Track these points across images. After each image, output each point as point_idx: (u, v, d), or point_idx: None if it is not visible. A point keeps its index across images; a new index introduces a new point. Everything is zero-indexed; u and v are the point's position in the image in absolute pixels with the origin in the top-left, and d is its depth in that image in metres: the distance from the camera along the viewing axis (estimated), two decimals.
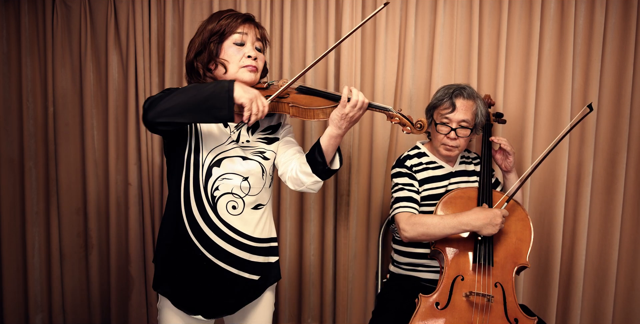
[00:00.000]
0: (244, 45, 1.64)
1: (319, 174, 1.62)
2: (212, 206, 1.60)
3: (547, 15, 2.40)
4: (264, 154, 1.69)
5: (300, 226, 2.61)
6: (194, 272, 1.62)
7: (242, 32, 1.63)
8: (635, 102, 2.41)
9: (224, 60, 1.63)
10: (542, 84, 2.44)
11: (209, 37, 1.63)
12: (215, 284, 1.64)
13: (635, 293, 2.49)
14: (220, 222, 1.61)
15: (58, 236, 2.71)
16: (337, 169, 1.66)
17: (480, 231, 1.86)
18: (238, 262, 1.65)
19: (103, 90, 2.63)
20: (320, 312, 2.64)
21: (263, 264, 1.72)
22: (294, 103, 1.60)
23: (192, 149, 1.62)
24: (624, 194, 2.45)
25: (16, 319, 2.75)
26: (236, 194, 1.63)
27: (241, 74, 1.63)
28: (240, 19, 1.64)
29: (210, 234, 1.60)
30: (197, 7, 2.55)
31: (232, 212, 1.62)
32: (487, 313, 1.78)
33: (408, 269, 2.16)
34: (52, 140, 2.65)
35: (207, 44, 1.63)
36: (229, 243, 1.62)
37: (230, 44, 1.63)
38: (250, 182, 1.65)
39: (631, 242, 2.48)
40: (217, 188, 1.60)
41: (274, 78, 2.55)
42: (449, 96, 2.05)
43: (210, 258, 1.61)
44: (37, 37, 2.62)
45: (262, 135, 1.72)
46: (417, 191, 2.09)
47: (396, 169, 2.14)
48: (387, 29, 2.47)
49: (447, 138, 2.05)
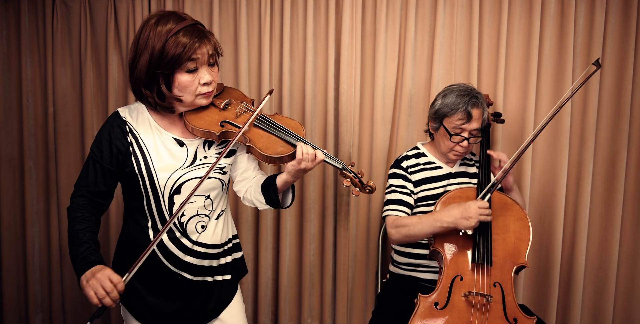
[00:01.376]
0: (198, 70, 1.49)
1: (272, 206, 1.69)
2: (183, 232, 1.62)
3: (547, 15, 2.40)
4: (223, 169, 1.67)
5: (300, 226, 2.61)
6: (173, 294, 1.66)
7: (196, 58, 1.47)
8: (635, 102, 2.41)
9: (178, 95, 1.51)
10: (542, 84, 2.44)
11: (157, 67, 1.45)
12: (197, 296, 1.69)
13: (635, 293, 2.48)
14: (192, 244, 1.64)
15: (58, 236, 2.71)
16: (288, 206, 1.73)
17: (456, 226, 1.84)
18: (213, 270, 1.71)
19: (103, 90, 2.63)
20: (320, 312, 2.64)
21: (232, 263, 1.77)
22: (252, 143, 1.57)
23: (147, 184, 1.57)
24: (624, 194, 2.45)
25: (16, 319, 2.75)
26: (202, 214, 1.64)
27: (198, 101, 1.56)
28: (197, 42, 1.45)
29: (185, 257, 1.64)
30: (197, 7, 2.55)
31: (200, 231, 1.65)
32: (486, 312, 1.78)
33: (408, 269, 2.16)
34: (52, 140, 2.65)
35: (155, 75, 1.47)
36: (203, 258, 1.67)
37: (182, 74, 1.47)
38: (212, 197, 1.66)
39: (631, 242, 2.48)
40: (182, 214, 1.61)
41: (273, 79, 2.54)
42: (464, 104, 1.97)
43: (189, 277, 1.66)
44: (37, 37, 2.63)
45: (219, 149, 1.66)
46: (410, 192, 2.09)
47: (392, 170, 2.14)
48: (387, 29, 2.47)
49: (459, 146, 2.04)
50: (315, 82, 2.53)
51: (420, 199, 2.10)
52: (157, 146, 1.57)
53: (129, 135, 1.57)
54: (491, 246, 1.89)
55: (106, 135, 1.57)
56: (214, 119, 1.60)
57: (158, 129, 1.59)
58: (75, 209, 1.53)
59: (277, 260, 2.63)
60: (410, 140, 2.51)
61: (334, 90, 2.51)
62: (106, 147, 1.55)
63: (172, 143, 1.59)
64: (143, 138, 1.57)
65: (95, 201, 1.57)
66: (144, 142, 1.57)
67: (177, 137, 1.60)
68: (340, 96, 2.49)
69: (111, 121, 1.59)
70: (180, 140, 1.60)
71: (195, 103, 1.56)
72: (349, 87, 2.48)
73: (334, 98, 2.51)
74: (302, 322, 2.64)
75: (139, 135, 1.57)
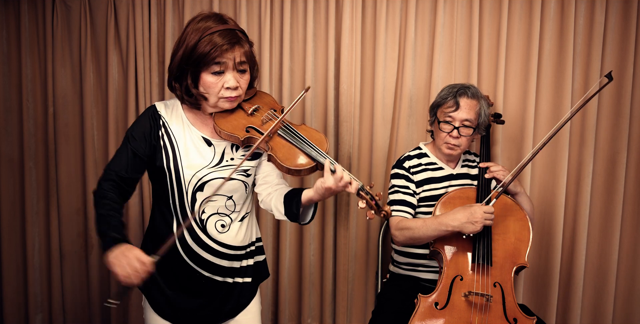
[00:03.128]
0: (224, 73, 1.53)
1: (290, 219, 1.68)
2: (203, 228, 1.64)
3: (547, 15, 2.40)
4: (247, 172, 1.69)
5: (300, 226, 2.61)
6: (194, 291, 1.68)
7: (222, 62, 1.51)
8: (635, 102, 2.41)
9: (203, 93, 1.57)
10: (542, 84, 2.44)
11: (186, 62, 1.52)
12: (217, 296, 1.70)
13: (635, 293, 2.49)
14: (212, 242, 1.65)
15: (58, 236, 2.71)
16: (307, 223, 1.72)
17: (461, 231, 1.85)
18: (233, 271, 1.71)
19: (103, 90, 2.63)
20: (320, 312, 2.64)
21: (254, 266, 1.78)
22: (273, 152, 1.58)
23: (173, 180, 1.61)
24: (624, 194, 2.45)
25: (16, 319, 2.75)
26: (222, 213, 1.66)
27: (221, 104, 1.59)
28: (227, 45, 1.50)
29: (205, 255, 1.65)
30: (197, 7, 2.54)
31: (221, 231, 1.66)
32: (486, 312, 1.78)
33: (408, 269, 2.16)
34: (52, 140, 2.65)
35: (184, 70, 1.54)
36: (223, 258, 1.68)
37: (207, 74, 1.53)
38: (235, 199, 1.68)
39: (631, 242, 2.48)
40: (203, 211, 1.63)
41: (273, 79, 2.54)
42: (453, 94, 2.05)
43: (208, 275, 1.67)
44: (37, 37, 2.62)
45: (246, 152, 1.68)
46: (413, 193, 2.09)
47: (394, 170, 2.15)
48: (387, 29, 2.47)
49: (450, 137, 2.05)
50: (315, 82, 2.53)
51: (422, 199, 2.10)
52: (186, 143, 1.62)
53: (162, 129, 1.62)
54: (491, 246, 1.90)
55: (142, 124, 1.62)
56: (241, 123, 1.62)
57: (189, 126, 1.64)
58: (105, 191, 1.55)
59: (277, 260, 2.63)
60: (411, 140, 2.51)
61: (334, 90, 2.51)
62: (140, 136, 1.60)
63: (201, 142, 1.63)
64: (174, 134, 1.62)
65: (122, 187, 1.60)
66: (175, 137, 1.62)
67: (206, 136, 1.64)
68: (340, 95, 2.49)
69: (148, 112, 1.65)
70: (209, 140, 1.64)
71: (218, 105, 1.59)
72: (349, 87, 2.48)
73: (334, 98, 2.51)
74: (302, 322, 2.64)
75: (171, 130, 1.62)
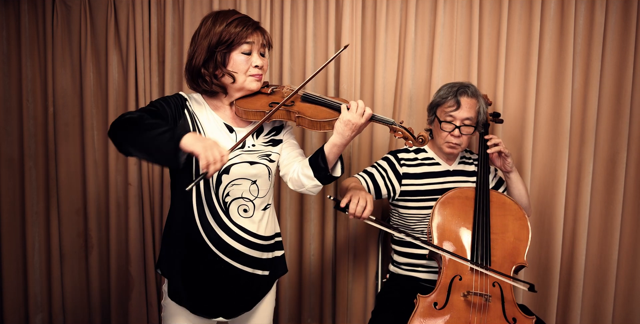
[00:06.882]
0: (251, 54, 1.66)
1: (320, 179, 1.68)
2: (225, 211, 1.66)
3: (547, 15, 2.40)
4: (269, 157, 1.74)
5: (300, 226, 2.61)
6: (213, 277, 1.69)
7: (251, 42, 1.64)
8: (635, 102, 2.41)
9: (233, 72, 1.65)
10: (542, 84, 2.44)
11: (217, 45, 1.62)
12: (234, 285, 1.71)
13: (635, 293, 2.48)
14: (235, 226, 1.67)
15: (58, 236, 2.72)
16: (338, 177, 1.72)
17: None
18: (253, 261, 1.73)
19: (103, 90, 2.64)
20: (320, 312, 2.64)
21: (272, 259, 1.80)
22: (300, 114, 1.65)
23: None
24: (624, 194, 2.45)
25: (16, 319, 2.75)
26: (246, 198, 1.69)
27: (248, 84, 1.67)
28: (251, 28, 1.65)
29: (226, 238, 1.66)
30: (197, 7, 2.55)
31: (243, 215, 1.69)
32: (485, 312, 1.77)
33: (407, 269, 2.16)
34: (52, 140, 2.66)
35: (215, 52, 1.63)
36: (244, 244, 1.69)
37: (238, 54, 1.64)
38: (259, 184, 1.71)
39: (631, 242, 2.48)
40: (227, 194, 1.66)
41: (273, 79, 2.55)
42: (453, 93, 2.05)
43: (228, 261, 1.68)
44: (37, 37, 2.63)
45: (267, 138, 1.76)
46: (388, 179, 2.13)
47: (387, 155, 2.20)
48: (387, 29, 2.47)
49: (451, 136, 2.06)
50: (315, 82, 2.53)
51: (414, 193, 2.11)
52: (211, 125, 1.68)
53: (187, 110, 1.67)
54: (490, 246, 1.90)
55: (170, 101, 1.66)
56: (264, 102, 1.69)
57: (212, 113, 1.70)
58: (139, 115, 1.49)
59: None
60: None
61: (334, 90, 2.51)
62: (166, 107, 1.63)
63: (224, 127, 1.69)
64: (199, 117, 1.67)
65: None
66: (200, 120, 1.67)
67: (228, 123, 1.70)
68: (340, 95, 2.49)
69: (175, 95, 1.70)
70: (231, 126, 1.70)
71: (245, 85, 1.67)
72: (349, 87, 2.49)
73: None
74: (302, 322, 2.65)
75: (196, 114, 1.68)
